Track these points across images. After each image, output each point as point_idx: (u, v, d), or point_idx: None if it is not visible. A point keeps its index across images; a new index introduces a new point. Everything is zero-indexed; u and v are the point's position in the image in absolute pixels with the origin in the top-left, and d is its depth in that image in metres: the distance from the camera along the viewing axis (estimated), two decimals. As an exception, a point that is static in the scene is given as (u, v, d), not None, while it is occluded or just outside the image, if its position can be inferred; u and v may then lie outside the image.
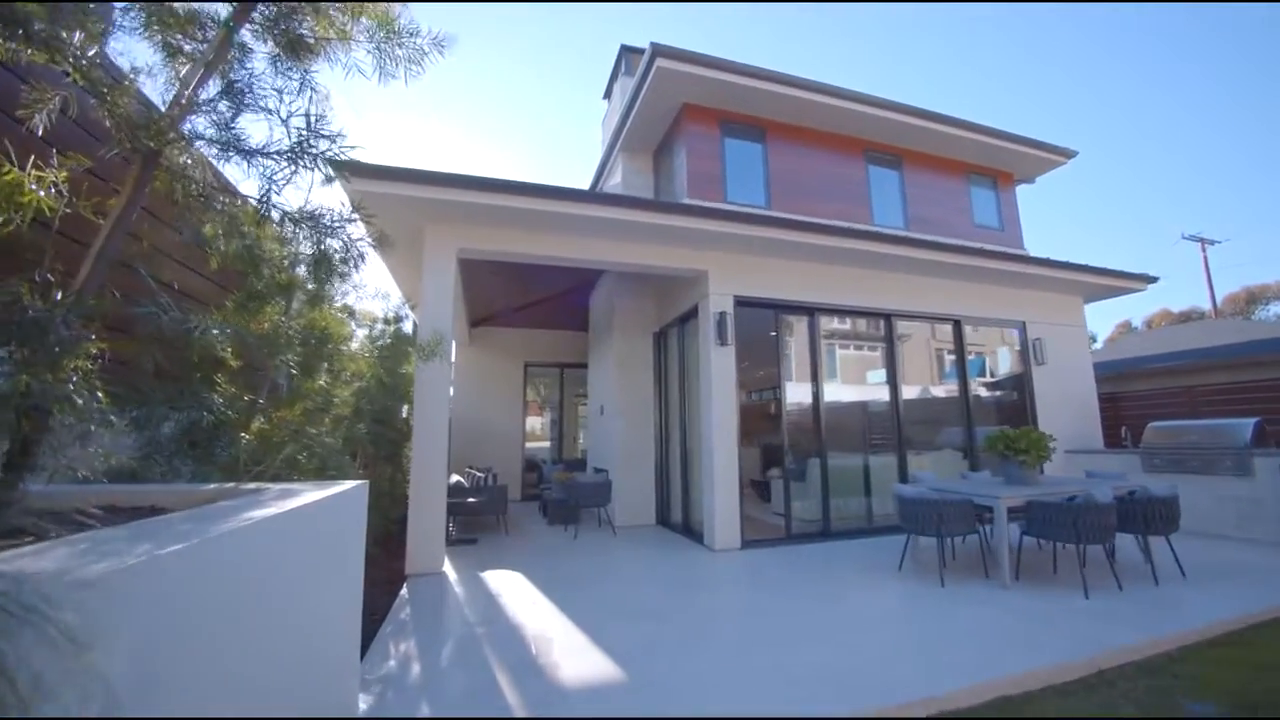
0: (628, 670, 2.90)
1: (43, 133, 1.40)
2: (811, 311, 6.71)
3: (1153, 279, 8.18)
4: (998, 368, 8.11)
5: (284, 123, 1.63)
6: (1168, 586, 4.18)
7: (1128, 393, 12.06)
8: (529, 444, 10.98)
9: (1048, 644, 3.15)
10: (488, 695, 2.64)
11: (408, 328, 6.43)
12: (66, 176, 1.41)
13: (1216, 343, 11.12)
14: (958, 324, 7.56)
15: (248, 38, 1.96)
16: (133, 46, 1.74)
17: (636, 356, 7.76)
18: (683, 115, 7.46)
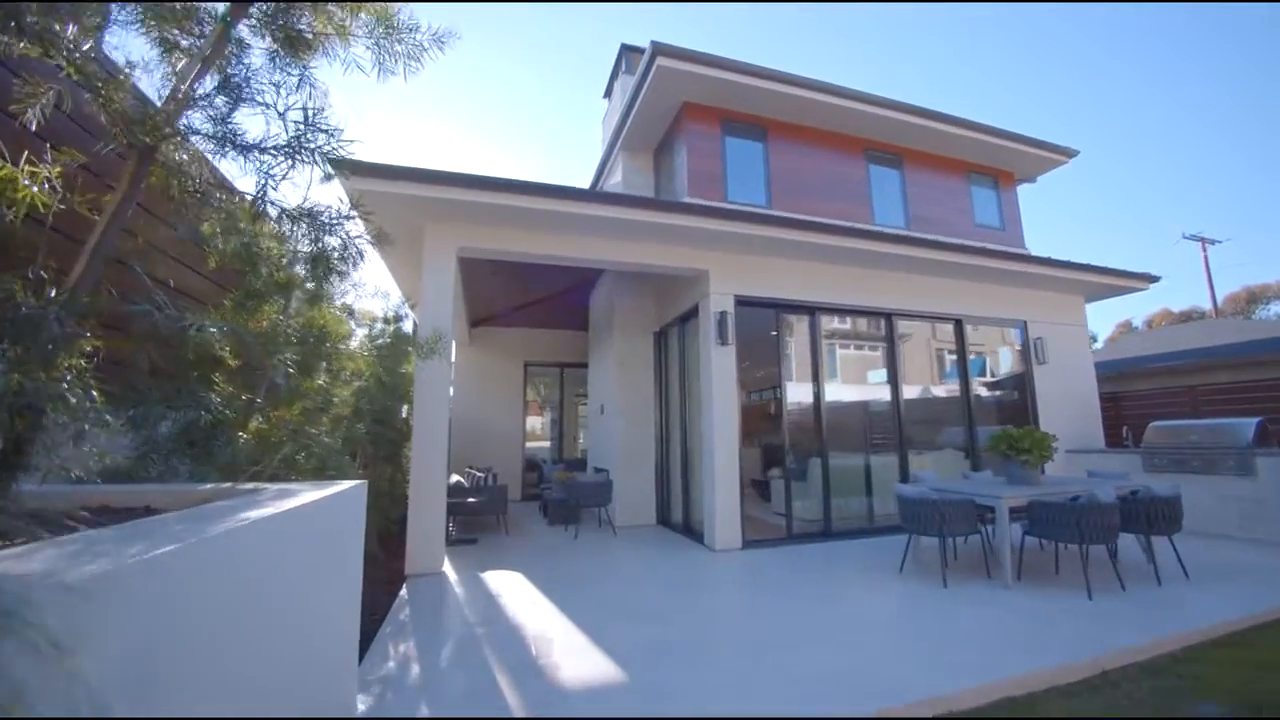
0: (629, 671, 2.88)
1: (36, 128, 1.38)
2: (812, 311, 6.69)
3: (1154, 278, 8.16)
4: (998, 367, 8.09)
5: (281, 116, 1.61)
6: (1171, 587, 4.17)
7: (1129, 392, 12.05)
8: (529, 444, 10.96)
9: (1051, 645, 3.14)
10: (488, 696, 2.63)
11: (407, 327, 6.41)
12: (60, 172, 1.39)
13: (1217, 342, 11.10)
14: (959, 323, 7.54)
15: (245, 33, 1.94)
16: (129, 41, 1.72)
17: (637, 356, 7.74)
18: (683, 114, 7.44)
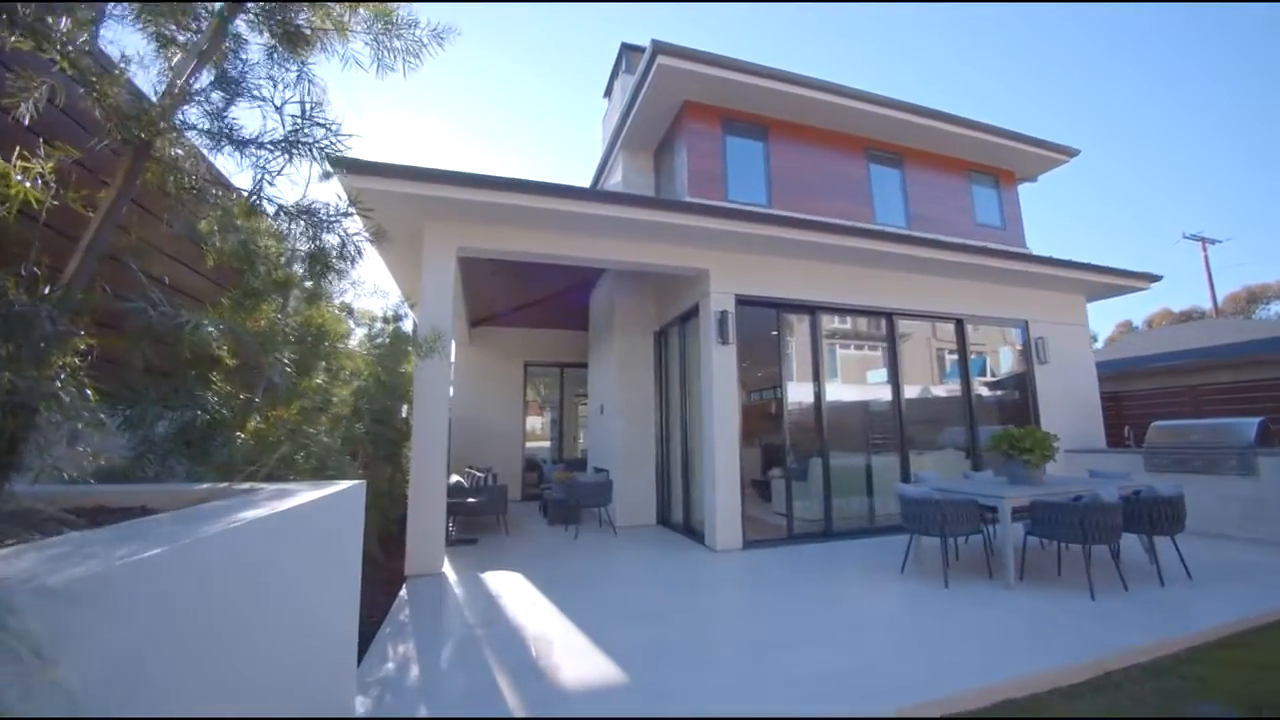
0: (629, 672, 2.86)
1: (29, 122, 1.36)
2: (813, 310, 6.67)
3: (1156, 277, 8.14)
4: (999, 367, 8.08)
5: (278, 110, 1.59)
6: (1173, 587, 4.15)
7: (1130, 392, 12.03)
8: (529, 444, 10.95)
9: (1054, 646, 3.12)
10: (487, 698, 2.61)
11: (407, 327, 6.39)
12: (54, 167, 1.37)
13: (1218, 342, 11.09)
14: (960, 323, 7.52)
15: (243, 28, 1.93)
16: (125, 36, 1.70)
17: (637, 355, 7.72)
18: (684, 113, 7.42)
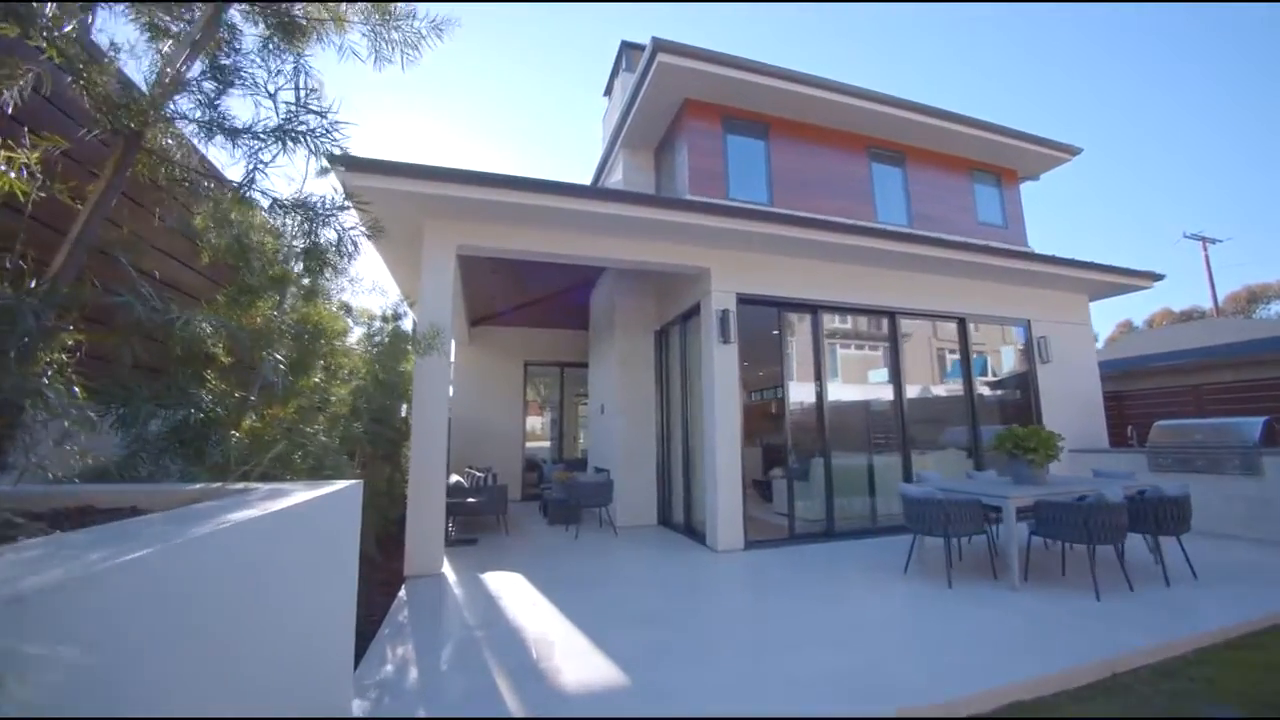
0: (630, 674, 2.82)
1: (12, 110, 1.32)
2: (814, 309, 6.63)
3: (1159, 276, 8.10)
4: (1000, 366, 8.03)
5: (271, 97, 1.54)
6: (1179, 588, 4.11)
7: (1132, 391, 11.99)
8: (529, 443, 10.90)
9: (1060, 647, 3.08)
10: (487, 700, 2.57)
11: (406, 326, 6.35)
12: (39, 158, 1.33)
13: (1218, 341, 11.05)
14: (962, 321, 7.48)
15: (237, 18, 1.89)
16: (115, 25, 1.66)
17: (638, 355, 7.68)
18: (684, 111, 7.38)
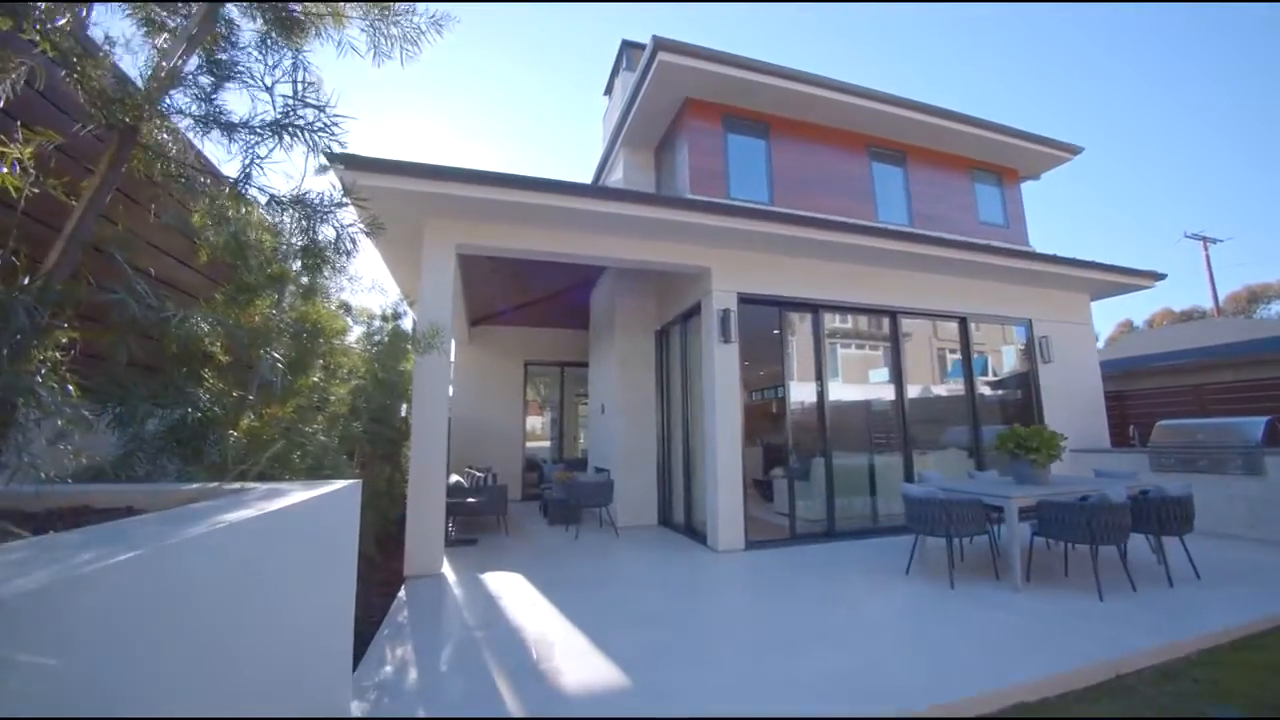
0: (631, 675, 2.80)
1: (5, 105, 1.30)
2: (815, 309, 6.61)
3: (1161, 276, 8.08)
4: (1001, 366, 8.01)
5: (268, 90, 1.52)
6: (1182, 588, 4.09)
7: (1134, 391, 11.96)
8: (529, 443, 10.88)
9: (1063, 648, 3.06)
10: (487, 701, 2.56)
11: (406, 325, 6.33)
12: (32, 153, 1.31)
13: (1219, 341, 11.02)
14: (963, 321, 7.46)
15: (234, 13, 1.87)
16: (110, 19, 1.65)
17: (638, 354, 7.66)
18: (685, 110, 7.36)
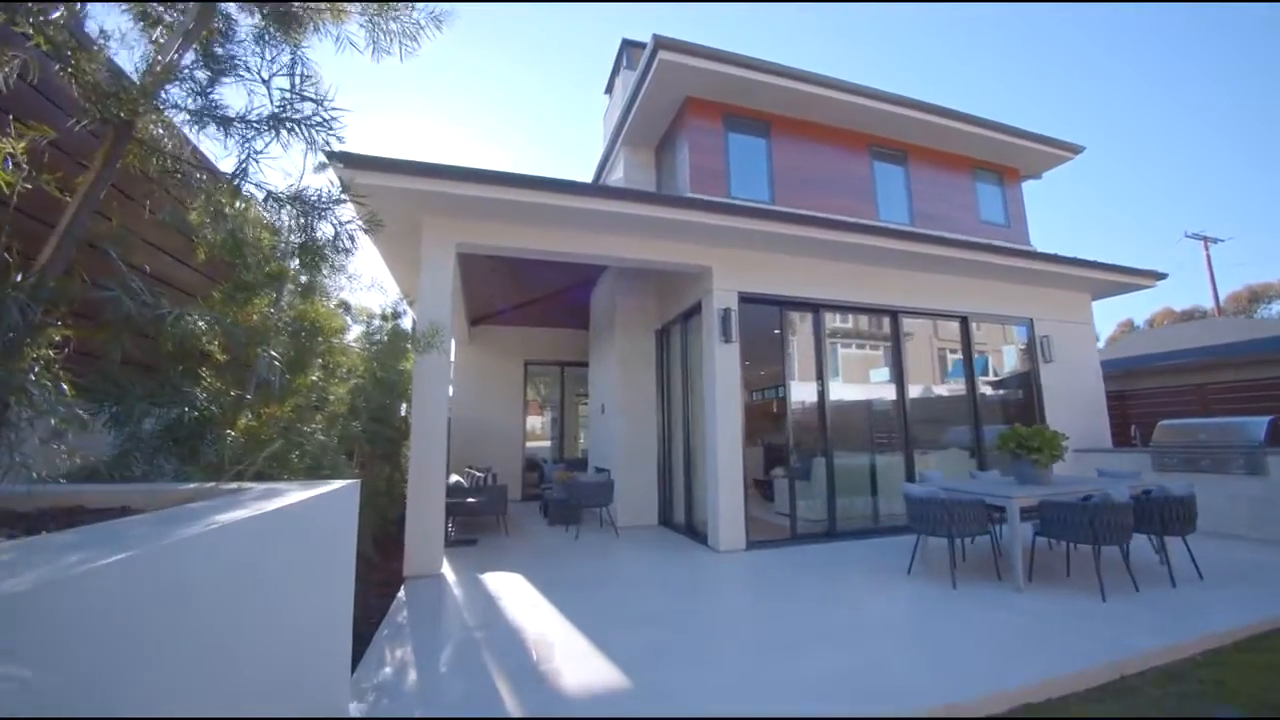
0: (632, 676, 2.79)
1: (-3, 98, 1.29)
2: (816, 308, 6.60)
3: (1162, 275, 8.06)
4: (1002, 366, 7.99)
5: (265, 83, 1.50)
6: (1185, 588, 4.07)
7: (1136, 391, 11.94)
8: (529, 443, 10.86)
9: (1067, 649, 3.04)
10: (487, 702, 2.54)
11: (406, 324, 6.32)
12: (25, 148, 1.29)
13: (1220, 341, 11.00)
14: (964, 320, 7.44)
15: (232, 9, 1.85)
16: (106, 13, 1.63)
17: (639, 354, 7.64)
18: (685, 109, 7.34)
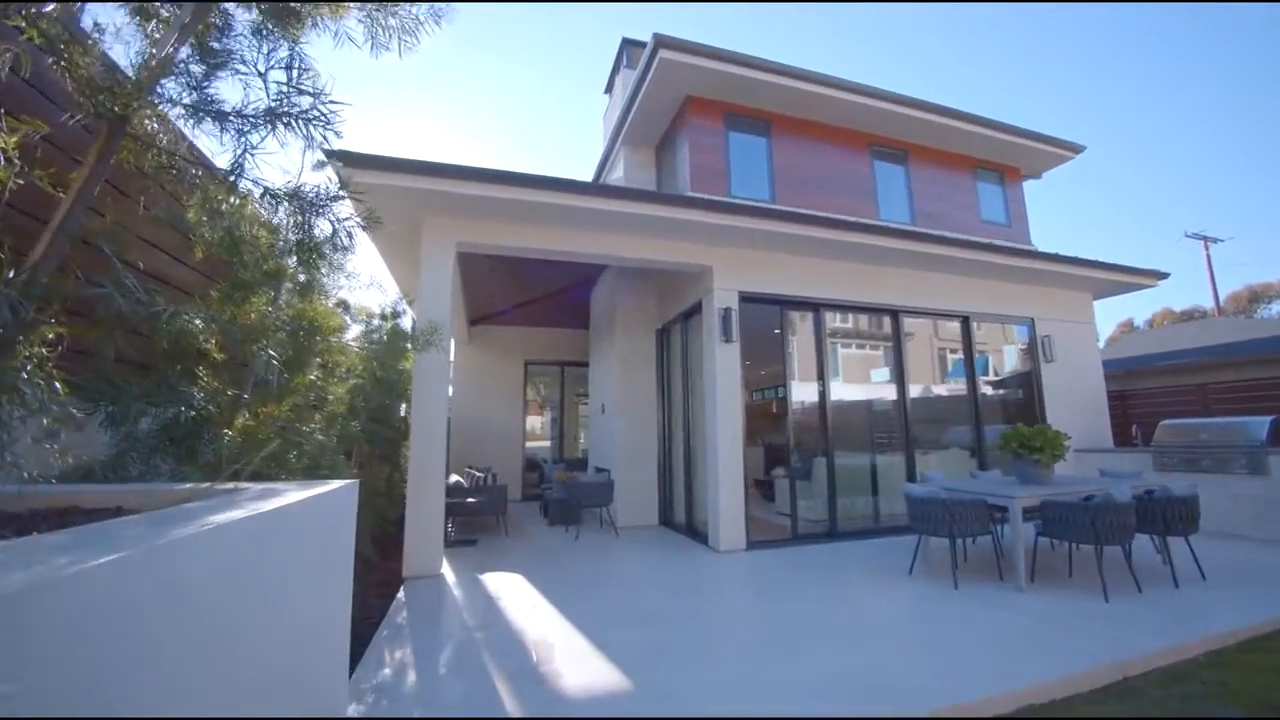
0: (632, 676, 2.77)
1: (-11, 92, 1.27)
2: (817, 308, 6.58)
3: (1164, 275, 8.04)
4: (1003, 366, 7.97)
5: (261, 76, 1.48)
6: (1188, 589, 4.05)
7: (1137, 390, 11.92)
8: (529, 443, 10.85)
9: (1069, 649, 3.03)
10: (487, 703, 2.52)
11: (406, 324, 6.30)
12: (18, 143, 1.27)
13: (1220, 341, 10.99)
14: (965, 320, 7.43)
15: (230, 5, 1.83)
16: (103, 8, 1.61)
17: (639, 354, 7.62)
18: (686, 108, 7.33)
